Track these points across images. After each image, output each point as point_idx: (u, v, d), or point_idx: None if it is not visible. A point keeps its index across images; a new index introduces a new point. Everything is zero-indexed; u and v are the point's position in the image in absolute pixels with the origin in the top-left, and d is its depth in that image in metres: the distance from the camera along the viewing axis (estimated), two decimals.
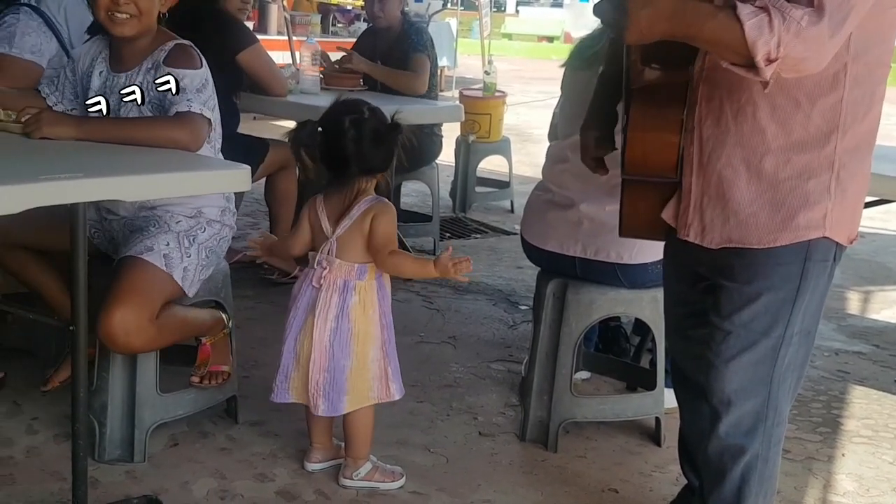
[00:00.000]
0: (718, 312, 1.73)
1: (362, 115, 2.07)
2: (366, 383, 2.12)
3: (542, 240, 2.48)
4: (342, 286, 2.09)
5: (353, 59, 3.92)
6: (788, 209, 1.65)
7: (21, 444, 2.30)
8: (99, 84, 2.25)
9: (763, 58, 1.44)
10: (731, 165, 1.67)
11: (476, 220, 5.04)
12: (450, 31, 10.99)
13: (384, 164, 2.12)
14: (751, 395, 1.74)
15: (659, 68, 1.67)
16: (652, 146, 1.70)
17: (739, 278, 1.70)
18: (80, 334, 1.83)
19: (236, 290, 2.63)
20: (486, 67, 5.52)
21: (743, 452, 1.76)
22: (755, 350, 1.71)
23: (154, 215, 2.23)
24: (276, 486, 2.20)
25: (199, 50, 2.24)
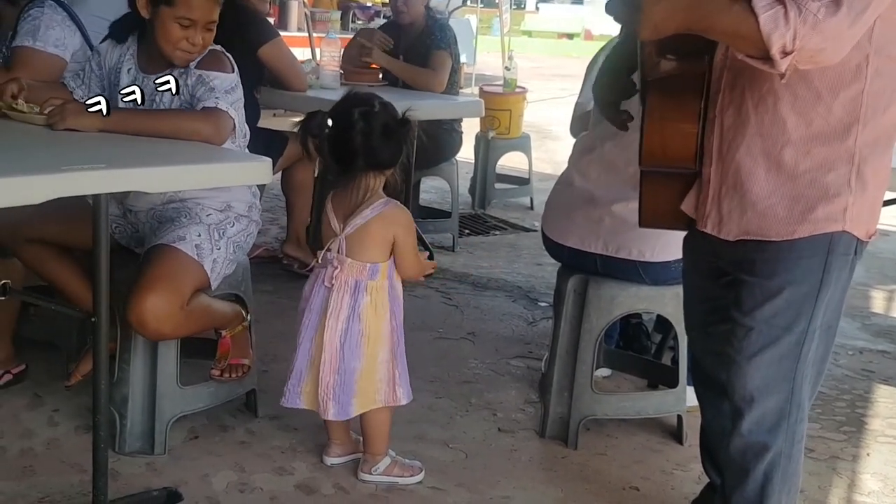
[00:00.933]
0: (740, 308, 1.71)
1: (373, 108, 2.06)
2: (373, 385, 2.11)
3: (564, 236, 2.46)
4: (353, 286, 2.07)
5: (373, 52, 3.91)
6: (807, 202, 1.63)
7: (42, 436, 2.31)
8: (128, 82, 2.28)
9: (778, 50, 1.43)
10: (750, 155, 1.65)
11: (495, 217, 5.02)
12: (469, 27, 10.97)
13: (392, 160, 2.08)
14: (773, 391, 1.71)
15: (675, 59, 1.65)
16: (670, 137, 1.68)
17: (761, 273, 1.68)
18: (102, 325, 1.83)
19: (256, 284, 2.64)
20: (506, 63, 5.50)
21: (766, 450, 1.73)
22: (778, 346, 1.69)
23: (185, 207, 2.25)
24: (296, 479, 2.20)
25: (224, 48, 2.26)
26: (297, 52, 4.96)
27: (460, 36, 11.73)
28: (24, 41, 2.62)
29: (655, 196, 1.80)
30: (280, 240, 4.22)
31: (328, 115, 2.07)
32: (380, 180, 2.09)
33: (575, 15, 21.52)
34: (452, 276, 3.90)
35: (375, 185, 2.08)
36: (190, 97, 2.19)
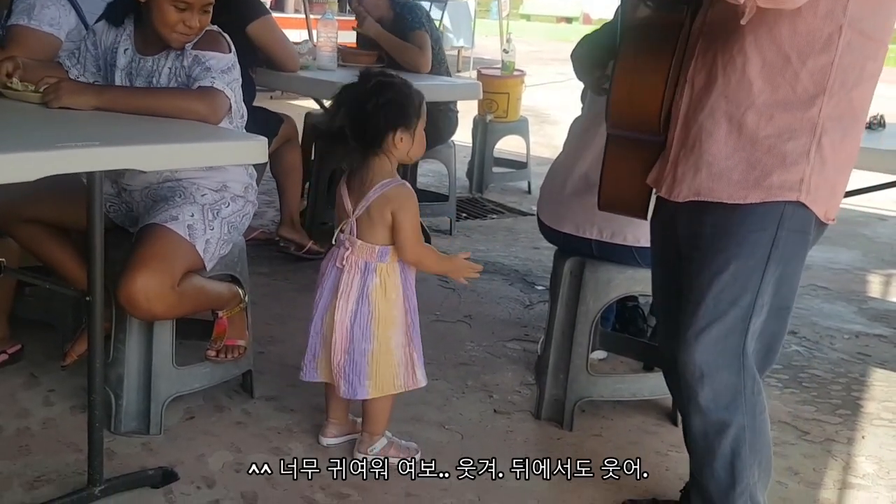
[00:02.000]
0: (689, 284, 1.71)
1: (381, 79, 2.03)
2: (391, 370, 2.10)
3: (559, 222, 2.45)
4: (363, 268, 2.07)
5: (365, 22, 3.85)
6: (764, 167, 1.62)
7: (38, 416, 2.31)
8: (125, 63, 2.27)
9: None
10: (712, 117, 1.64)
11: (493, 201, 5.02)
12: (468, 11, 10.92)
13: (384, 126, 2.00)
14: (723, 367, 1.70)
15: (653, 6, 1.64)
16: (638, 89, 1.67)
17: (709, 247, 1.67)
18: (97, 304, 1.83)
19: (252, 266, 2.63)
20: (504, 46, 5.48)
21: (727, 426, 1.72)
22: (724, 321, 1.68)
23: (180, 186, 2.24)
24: (291, 459, 2.19)
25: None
26: (293, 34, 4.93)
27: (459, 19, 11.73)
28: (20, 20, 2.61)
29: (617, 170, 1.78)
30: (277, 223, 4.23)
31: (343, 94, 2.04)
32: (389, 160, 2.05)
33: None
34: None
35: (385, 166, 2.05)
36: (186, 77, 2.17)
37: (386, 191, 2.04)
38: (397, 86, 2.04)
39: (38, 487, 2.00)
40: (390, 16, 3.92)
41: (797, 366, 2.97)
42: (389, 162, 2.06)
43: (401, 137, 2.02)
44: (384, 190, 2.04)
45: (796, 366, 2.97)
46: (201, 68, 2.15)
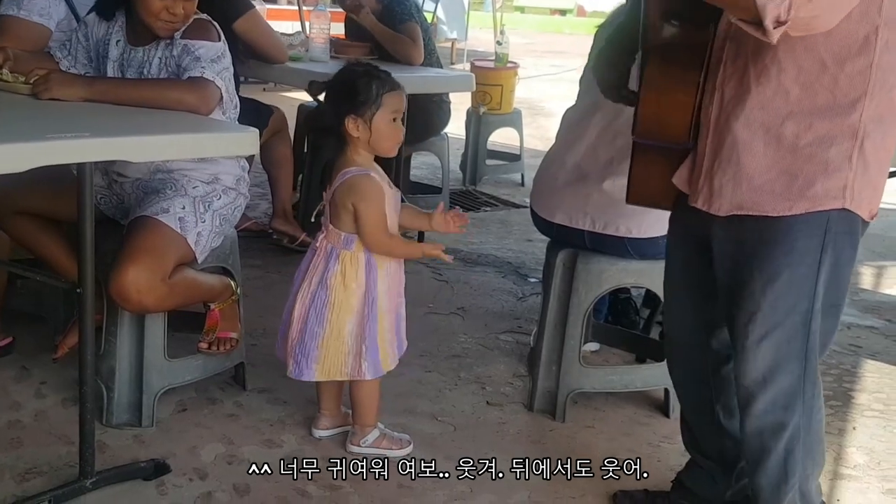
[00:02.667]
0: (741, 292, 1.68)
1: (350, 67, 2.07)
2: (340, 357, 2.10)
3: (551, 212, 2.45)
4: (329, 252, 2.08)
5: (361, 11, 3.82)
6: (806, 177, 1.59)
7: (29, 408, 2.30)
8: (117, 54, 2.26)
9: (772, 21, 1.40)
10: (748, 128, 1.61)
11: (486, 193, 5.01)
12: (461, 3, 10.90)
13: (338, 112, 2.02)
14: (785, 371, 1.69)
15: (678, 25, 1.61)
16: (667, 107, 1.65)
17: (757, 255, 1.65)
18: (87, 296, 1.83)
19: (244, 258, 2.63)
20: (498, 38, 5.46)
21: (784, 428, 1.71)
22: (784, 328, 1.66)
23: (171, 178, 2.23)
24: (284, 452, 2.20)
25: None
26: (286, 26, 4.91)
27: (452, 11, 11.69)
28: (9, 10, 2.59)
29: (646, 170, 1.76)
30: (269, 215, 4.21)
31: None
32: (356, 150, 2.05)
33: None
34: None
35: (352, 155, 2.06)
36: (177, 67, 2.16)
37: (347, 179, 2.04)
38: (353, 72, 2.05)
39: (30, 480, 2.00)
40: (378, 8, 3.89)
41: None
42: (355, 151, 2.05)
43: (355, 125, 2.01)
44: (345, 178, 2.04)
45: None
46: (191, 58, 2.13)
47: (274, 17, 6.82)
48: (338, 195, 2.05)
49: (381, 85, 2.03)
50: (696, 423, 1.97)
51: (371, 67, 2.08)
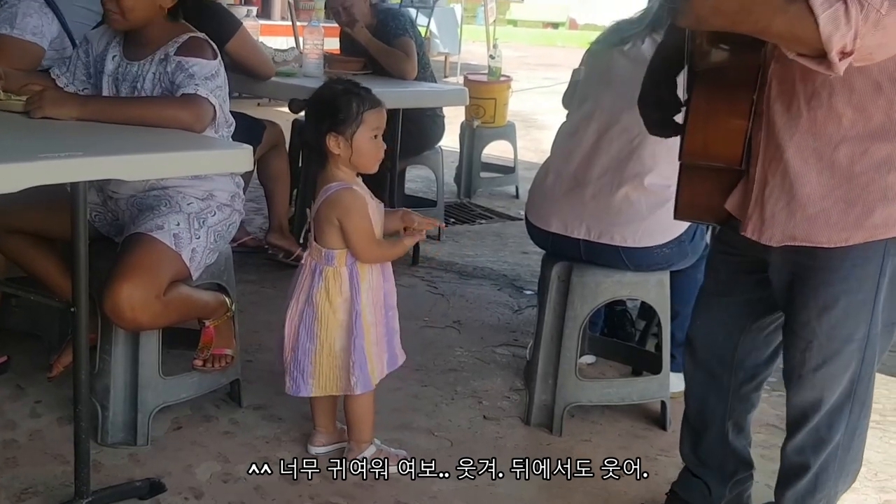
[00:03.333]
0: (795, 318, 1.66)
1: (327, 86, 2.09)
2: (333, 371, 2.10)
3: (547, 222, 2.46)
4: (314, 269, 2.09)
5: (356, 26, 3.83)
6: (864, 205, 1.53)
7: (24, 428, 2.29)
8: (112, 69, 2.27)
9: (838, 52, 1.34)
10: (800, 155, 1.54)
11: (481, 206, 5.02)
12: (454, 17, 10.94)
13: (318, 129, 2.03)
14: (838, 394, 1.68)
15: (728, 49, 1.53)
16: (714, 136, 1.59)
17: (813, 282, 1.61)
18: (81, 316, 1.82)
19: (239, 274, 2.63)
20: (491, 52, 5.49)
21: (824, 444, 1.71)
22: (841, 357, 1.64)
23: (165, 195, 2.23)
24: (280, 468, 2.18)
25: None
26: (280, 41, 4.92)
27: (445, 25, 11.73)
28: (2, 29, 2.60)
29: (694, 190, 1.70)
30: (265, 229, 4.21)
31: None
32: (337, 166, 2.05)
33: (560, 4, 21.53)
34: (438, 265, 3.90)
35: (333, 172, 2.06)
36: (170, 84, 2.17)
37: (329, 195, 2.05)
38: (333, 90, 2.06)
39: (25, 500, 1.98)
40: (373, 23, 3.91)
41: None
42: (337, 167, 2.06)
43: (336, 143, 2.02)
44: (327, 194, 2.05)
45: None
46: (184, 75, 2.14)
47: (268, 33, 6.84)
48: (321, 211, 2.06)
49: (362, 102, 2.04)
50: (702, 431, 1.96)
51: (351, 85, 2.08)
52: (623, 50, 2.36)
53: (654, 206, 2.31)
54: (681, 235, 2.39)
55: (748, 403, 1.93)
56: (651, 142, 2.29)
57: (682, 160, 1.66)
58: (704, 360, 1.90)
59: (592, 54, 2.55)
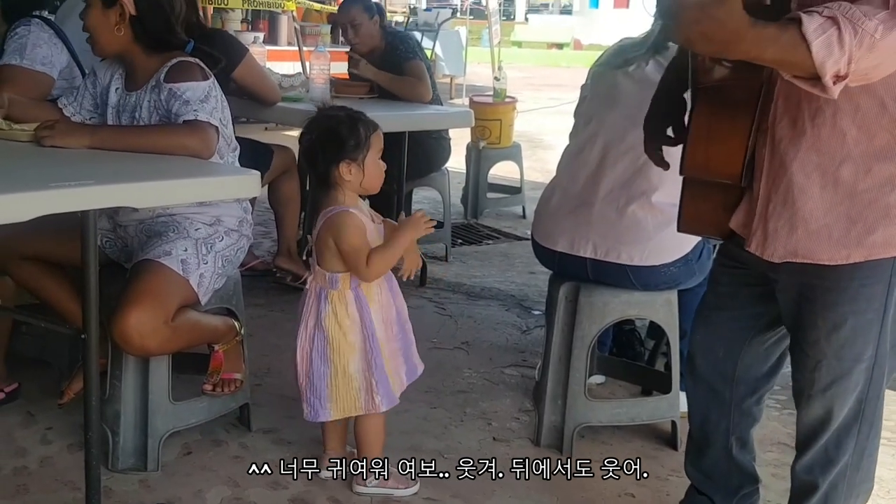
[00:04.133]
0: (804, 337, 1.66)
1: (325, 115, 2.09)
2: (351, 393, 2.10)
3: (553, 241, 2.46)
4: (319, 293, 2.10)
5: (360, 64, 3.89)
6: (866, 223, 1.53)
7: (35, 454, 2.30)
8: (115, 100, 2.30)
9: (832, 76, 1.35)
10: (804, 171, 1.55)
11: (488, 226, 5.03)
12: (459, 39, 11.02)
13: (327, 160, 2.04)
14: (846, 413, 1.68)
15: (730, 67, 1.53)
16: (716, 154, 1.59)
17: (820, 301, 1.61)
18: (92, 343, 1.83)
19: (248, 298, 2.64)
20: (496, 74, 5.52)
21: (834, 464, 1.71)
22: (850, 377, 1.64)
23: (173, 221, 2.25)
24: (290, 493, 2.19)
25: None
26: (286, 66, 4.96)
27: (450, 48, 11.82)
28: (12, 59, 2.63)
29: (697, 204, 1.71)
30: (273, 253, 4.22)
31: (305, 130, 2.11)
32: (341, 191, 2.07)
33: (564, 25, 21.69)
34: (446, 286, 3.90)
35: (335, 196, 2.08)
36: (166, 112, 2.18)
37: (326, 219, 2.07)
38: (338, 119, 2.07)
39: None
40: (382, 46, 3.94)
41: None
42: (342, 193, 2.08)
43: (348, 169, 2.04)
44: (325, 218, 2.07)
45: None
46: (179, 102, 2.15)
47: (275, 58, 6.90)
48: (320, 235, 2.08)
49: (367, 127, 2.07)
50: (705, 447, 1.96)
51: (350, 111, 2.10)
52: (627, 72, 2.38)
53: (660, 224, 2.31)
54: (688, 254, 2.40)
55: (750, 417, 1.92)
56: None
57: (684, 174, 1.67)
58: (705, 376, 1.90)
59: (596, 76, 2.56)
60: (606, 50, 2.62)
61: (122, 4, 2.17)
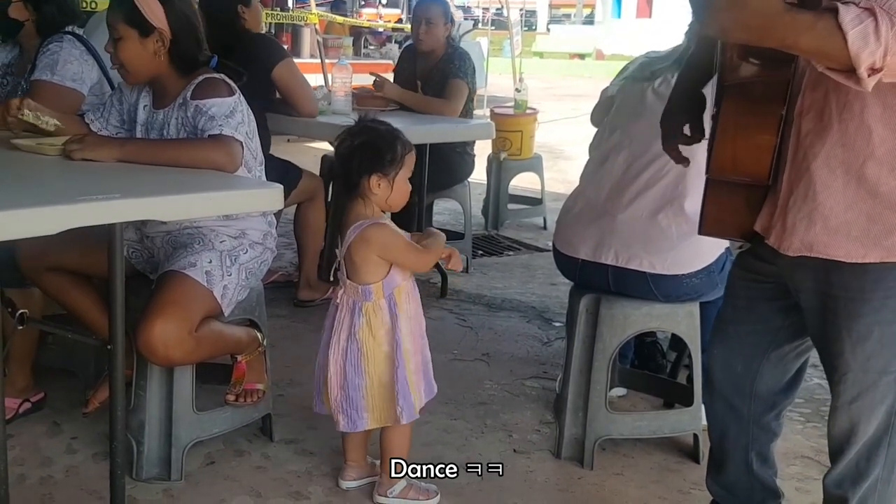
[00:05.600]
0: (829, 350, 1.64)
1: (359, 127, 2.11)
2: (385, 403, 2.11)
3: (575, 249, 2.47)
4: (352, 307, 2.11)
5: (385, 86, 3.93)
6: (886, 223, 1.51)
7: (60, 464, 2.33)
8: (144, 118, 2.34)
9: (867, 68, 1.33)
10: (828, 166, 1.52)
11: (509, 238, 5.03)
12: (480, 51, 11.05)
13: (359, 171, 2.05)
14: (873, 425, 1.66)
15: (759, 64, 1.51)
16: (744, 150, 1.57)
17: (846, 312, 1.59)
18: (118, 353, 1.86)
19: (271, 309, 2.66)
20: (517, 85, 5.54)
21: (864, 478, 1.69)
22: (876, 389, 1.62)
23: (199, 233, 2.27)
24: (311, 503, 2.20)
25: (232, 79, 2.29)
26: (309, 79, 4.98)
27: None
28: (43, 75, 2.68)
29: (720, 205, 1.69)
30: (294, 264, 4.25)
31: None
32: (367, 204, 2.09)
33: (586, 35, 21.66)
34: (466, 298, 3.91)
35: (361, 209, 2.09)
36: (193, 128, 2.21)
37: (362, 233, 2.07)
38: (379, 132, 2.09)
39: None
40: (441, 52, 4.00)
41: (819, 399, 2.93)
42: (368, 206, 2.09)
43: (378, 183, 2.06)
44: (358, 232, 2.07)
45: (818, 399, 2.93)
46: (205, 118, 2.18)
47: None
48: (354, 249, 2.08)
49: (404, 146, 2.09)
50: (724, 462, 1.94)
51: (390, 126, 2.12)
52: (654, 85, 2.39)
53: (684, 234, 2.31)
54: (710, 265, 2.39)
55: (770, 433, 1.90)
56: (682, 169, 2.30)
57: (710, 175, 1.66)
58: (722, 391, 1.88)
59: (622, 88, 2.57)
60: (632, 61, 2.63)
61: (160, 31, 2.21)
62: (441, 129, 3.70)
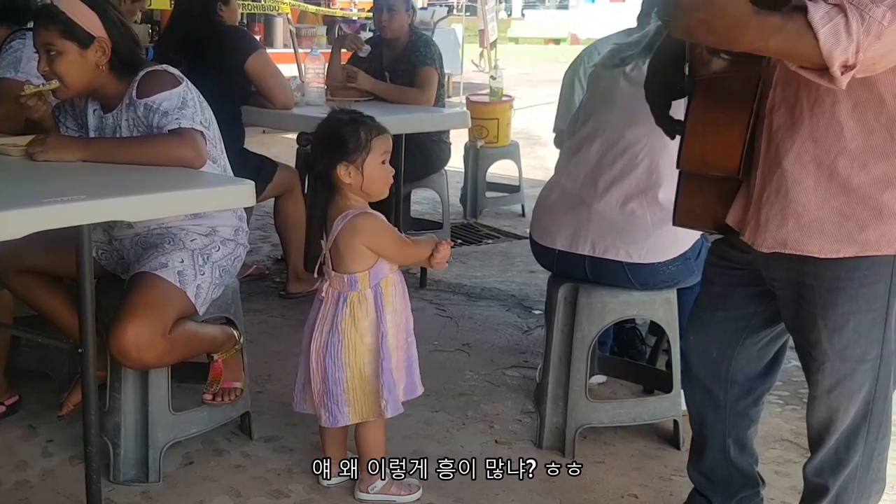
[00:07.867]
0: (806, 339, 1.64)
1: (332, 117, 2.10)
2: (367, 396, 2.10)
3: (552, 239, 2.46)
4: (337, 298, 2.09)
5: (358, 76, 3.89)
6: (858, 219, 1.51)
7: (36, 468, 2.30)
8: (95, 123, 2.28)
9: (840, 66, 1.32)
10: (799, 162, 1.52)
11: (487, 226, 5.02)
12: (455, 38, 11.00)
13: (329, 161, 2.03)
14: (851, 414, 1.66)
15: (729, 59, 1.50)
16: (712, 147, 1.57)
17: (819, 301, 1.59)
18: (89, 356, 1.83)
19: (247, 303, 2.63)
20: (492, 73, 5.51)
21: (844, 465, 1.69)
22: (854, 377, 1.62)
23: (169, 232, 2.24)
24: (292, 501, 2.18)
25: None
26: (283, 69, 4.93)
27: (446, 46, 11.82)
28: (6, 72, 2.64)
29: (692, 197, 1.68)
30: (271, 257, 4.22)
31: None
32: (345, 194, 2.07)
33: (561, 20, 21.60)
34: (446, 287, 3.89)
35: (342, 200, 2.07)
36: (147, 128, 2.16)
37: (350, 222, 2.05)
38: (339, 121, 2.07)
39: None
40: (406, 40, 3.98)
41: (797, 381, 2.94)
42: (346, 196, 2.07)
43: (347, 171, 2.03)
44: (345, 222, 2.05)
45: (797, 381, 2.94)
46: (159, 115, 2.13)
47: None
48: (341, 240, 2.06)
49: (369, 130, 2.06)
50: (703, 448, 1.95)
51: (356, 114, 2.11)
52: (625, 72, 2.38)
53: (659, 222, 2.31)
54: (686, 252, 2.39)
55: (747, 419, 1.91)
56: (656, 158, 2.30)
57: (680, 167, 1.66)
58: (699, 377, 1.89)
59: (592, 76, 2.56)
60: (584, 50, 2.60)
61: (99, 40, 2.13)
62: (416, 118, 3.68)
